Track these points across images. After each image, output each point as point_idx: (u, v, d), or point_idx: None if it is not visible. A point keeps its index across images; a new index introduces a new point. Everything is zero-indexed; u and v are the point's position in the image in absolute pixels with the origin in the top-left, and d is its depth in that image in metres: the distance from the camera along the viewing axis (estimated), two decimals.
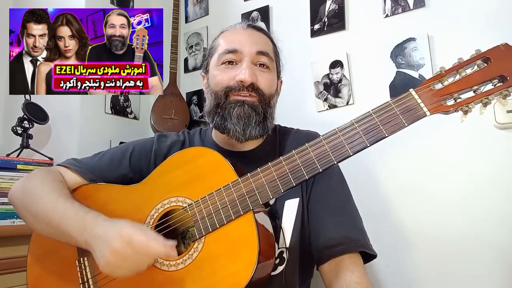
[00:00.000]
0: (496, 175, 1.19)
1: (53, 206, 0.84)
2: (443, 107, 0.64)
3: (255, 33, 1.01)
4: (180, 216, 0.83)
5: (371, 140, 0.68)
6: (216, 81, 0.96)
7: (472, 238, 1.20)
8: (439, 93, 0.65)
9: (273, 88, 0.99)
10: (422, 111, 0.66)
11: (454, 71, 0.65)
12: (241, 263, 0.72)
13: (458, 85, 0.64)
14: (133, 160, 1.01)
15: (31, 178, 0.94)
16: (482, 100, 0.62)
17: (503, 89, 0.60)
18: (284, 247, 0.90)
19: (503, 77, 0.61)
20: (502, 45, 0.63)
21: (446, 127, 1.26)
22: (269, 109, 0.97)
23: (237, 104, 0.92)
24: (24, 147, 1.64)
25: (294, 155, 0.74)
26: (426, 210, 1.29)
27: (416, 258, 1.29)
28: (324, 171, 0.73)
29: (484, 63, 0.64)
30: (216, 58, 0.98)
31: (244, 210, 0.75)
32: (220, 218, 0.77)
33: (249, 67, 0.93)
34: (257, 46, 0.96)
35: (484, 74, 0.63)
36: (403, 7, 1.41)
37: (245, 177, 0.78)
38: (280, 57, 1.07)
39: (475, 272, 1.19)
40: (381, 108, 0.69)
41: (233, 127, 0.92)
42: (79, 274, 0.86)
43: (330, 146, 0.71)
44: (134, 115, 2.01)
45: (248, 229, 0.74)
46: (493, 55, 0.63)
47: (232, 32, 1.01)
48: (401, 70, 1.39)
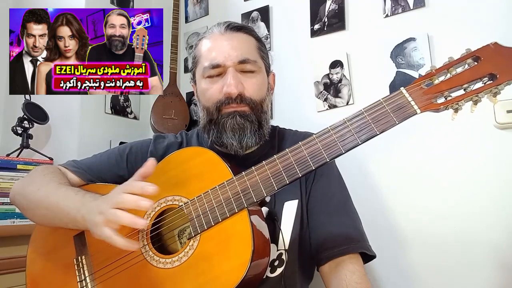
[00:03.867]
0: (496, 175, 1.19)
1: (55, 191, 0.88)
2: (433, 105, 0.66)
3: (234, 35, 0.97)
4: (176, 214, 0.84)
5: (362, 138, 0.70)
6: (206, 97, 0.96)
7: (471, 238, 1.20)
8: (430, 91, 0.66)
9: (263, 91, 0.98)
10: (413, 109, 0.67)
11: (445, 70, 0.66)
12: (235, 260, 0.73)
13: (448, 83, 0.65)
14: (129, 161, 1.02)
15: (31, 173, 0.99)
16: (472, 98, 0.63)
17: (493, 87, 0.61)
18: (283, 249, 0.91)
19: (492, 75, 0.63)
20: (491, 44, 0.65)
21: (445, 127, 1.27)
22: (263, 115, 0.97)
23: (229, 117, 0.92)
24: (24, 147, 1.66)
25: (288, 153, 0.76)
26: (425, 210, 1.29)
27: (414, 257, 1.30)
28: (317, 169, 0.74)
29: (474, 61, 0.66)
30: (201, 71, 0.97)
31: (238, 208, 0.77)
32: (215, 216, 0.78)
33: (234, 78, 0.92)
34: (238, 54, 0.94)
35: (474, 72, 0.64)
36: (403, 7, 1.41)
37: (240, 175, 0.79)
38: (269, 51, 1.05)
39: (473, 272, 1.19)
40: (373, 106, 0.70)
41: (230, 141, 0.93)
42: (77, 272, 0.88)
43: (322, 144, 0.73)
44: (134, 115, 2.03)
45: (243, 226, 0.76)
46: (483, 54, 0.64)
47: (211, 40, 0.98)
48: (401, 70, 1.39)
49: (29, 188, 0.93)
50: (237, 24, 1.00)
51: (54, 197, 0.86)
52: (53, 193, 0.88)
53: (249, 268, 0.72)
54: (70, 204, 0.83)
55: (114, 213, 0.73)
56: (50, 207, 0.86)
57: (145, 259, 0.82)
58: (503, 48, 0.65)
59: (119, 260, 0.84)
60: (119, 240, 0.72)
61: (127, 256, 0.83)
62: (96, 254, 0.87)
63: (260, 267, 0.79)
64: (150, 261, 0.82)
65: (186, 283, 0.77)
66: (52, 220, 0.89)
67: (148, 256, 0.82)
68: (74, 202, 0.83)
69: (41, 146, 1.77)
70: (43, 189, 0.90)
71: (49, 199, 0.87)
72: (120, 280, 0.83)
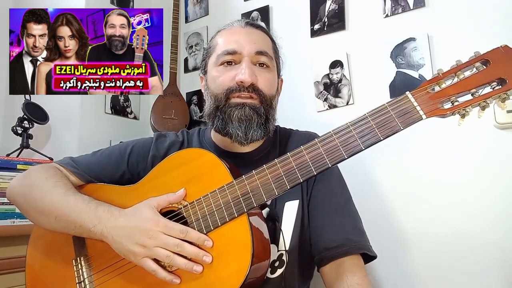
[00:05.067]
0: (495, 175, 1.19)
1: (62, 199, 0.86)
2: (439, 111, 0.63)
3: (254, 31, 0.98)
4: (175, 218, 0.82)
5: (366, 143, 0.67)
6: (216, 83, 0.94)
7: (471, 238, 1.20)
8: (436, 96, 0.63)
9: (274, 88, 0.97)
10: (418, 115, 0.64)
11: (452, 74, 0.63)
12: (235, 265, 0.72)
13: (455, 88, 0.62)
14: (131, 161, 1.00)
15: (31, 174, 0.95)
16: (480, 103, 0.60)
17: (502, 92, 0.58)
18: (283, 250, 0.89)
19: (502, 80, 0.60)
20: (501, 47, 0.62)
21: (445, 127, 1.22)
22: (271, 111, 0.95)
23: (237, 107, 0.90)
24: (24, 147, 1.64)
25: (289, 158, 0.73)
26: (425, 211, 1.28)
27: (414, 258, 1.29)
28: (319, 174, 0.72)
29: (483, 65, 0.63)
30: (215, 58, 0.96)
31: (238, 212, 0.75)
32: (214, 220, 0.76)
33: (249, 67, 0.91)
34: (256, 46, 0.94)
35: (483, 76, 0.61)
36: (403, 7, 1.40)
37: (240, 179, 0.77)
38: (280, 54, 1.05)
39: (473, 272, 1.19)
40: (377, 111, 0.68)
41: (235, 131, 0.90)
42: (76, 274, 0.87)
43: (325, 149, 0.70)
44: (134, 115, 2.02)
45: (242, 231, 0.74)
46: (492, 58, 0.61)
47: (230, 31, 0.99)
48: (401, 70, 1.38)
49: (33, 194, 0.90)
50: (257, 24, 1.03)
51: (64, 209, 0.85)
52: (62, 203, 0.86)
53: (249, 273, 0.70)
54: (83, 216, 0.82)
55: (166, 255, 0.74)
56: (60, 217, 0.85)
57: None
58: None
59: (118, 262, 0.82)
60: (163, 274, 0.75)
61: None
62: (95, 255, 0.87)
63: (260, 271, 0.77)
64: None
65: (185, 287, 0.75)
66: (62, 229, 0.88)
67: None
68: (89, 216, 0.82)
69: (41, 146, 1.76)
70: (49, 197, 0.87)
71: (58, 210, 0.85)
72: (119, 282, 0.82)
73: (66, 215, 0.84)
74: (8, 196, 0.96)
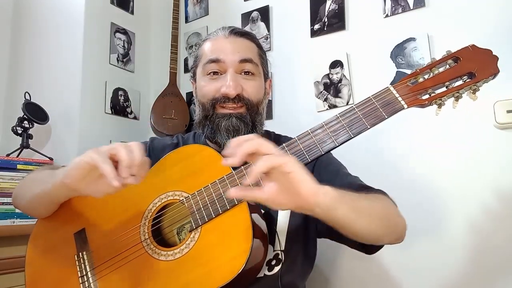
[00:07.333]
0: (496, 175, 1.24)
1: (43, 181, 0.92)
2: (419, 101, 0.75)
3: (237, 39, 1.05)
4: (177, 208, 0.90)
5: (354, 131, 0.78)
6: (203, 93, 1.03)
7: (471, 238, 1.25)
8: (415, 89, 0.76)
9: (260, 94, 1.06)
10: (400, 104, 0.76)
11: (428, 70, 0.76)
12: (237, 248, 0.79)
13: (431, 81, 0.75)
14: None
15: (30, 173, 1.05)
16: (453, 94, 0.73)
17: (472, 84, 0.71)
18: (279, 250, 0.96)
19: (471, 74, 0.73)
20: (470, 46, 0.75)
21: (446, 127, 1.32)
22: (257, 117, 1.04)
23: (224, 118, 0.99)
24: (24, 147, 1.70)
25: (285, 148, 0.83)
26: (426, 209, 1.33)
27: (415, 258, 1.34)
28: (316, 166, 0.80)
29: (454, 62, 0.76)
30: (201, 68, 1.05)
31: (238, 200, 0.83)
32: (215, 208, 0.84)
33: (233, 79, 0.99)
34: (240, 54, 1.02)
35: (455, 71, 0.74)
36: (403, 7, 1.47)
37: (239, 169, 0.85)
38: (268, 57, 1.12)
39: (474, 272, 1.24)
40: (363, 102, 0.79)
41: (223, 140, 0.99)
42: (78, 268, 0.91)
43: (317, 138, 0.80)
44: (134, 115, 2.07)
45: (242, 217, 0.81)
46: (462, 55, 0.75)
47: (214, 40, 1.06)
48: (401, 70, 1.45)
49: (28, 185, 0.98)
50: (241, 30, 1.09)
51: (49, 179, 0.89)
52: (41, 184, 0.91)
53: (250, 255, 0.77)
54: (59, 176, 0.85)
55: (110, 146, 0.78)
56: (45, 189, 0.89)
57: (147, 252, 0.87)
58: (480, 49, 0.75)
59: (120, 255, 0.88)
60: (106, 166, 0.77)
61: (128, 250, 0.88)
62: (97, 249, 0.92)
63: (259, 256, 0.85)
64: (151, 254, 0.87)
65: (188, 274, 0.81)
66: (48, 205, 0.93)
67: (149, 249, 0.87)
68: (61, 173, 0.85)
69: (41, 146, 1.81)
70: (36, 186, 0.93)
71: (44, 183, 0.90)
72: (122, 274, 0.87)
73: (51, 184, 0.87)
74: (13, 203, 1.05)
